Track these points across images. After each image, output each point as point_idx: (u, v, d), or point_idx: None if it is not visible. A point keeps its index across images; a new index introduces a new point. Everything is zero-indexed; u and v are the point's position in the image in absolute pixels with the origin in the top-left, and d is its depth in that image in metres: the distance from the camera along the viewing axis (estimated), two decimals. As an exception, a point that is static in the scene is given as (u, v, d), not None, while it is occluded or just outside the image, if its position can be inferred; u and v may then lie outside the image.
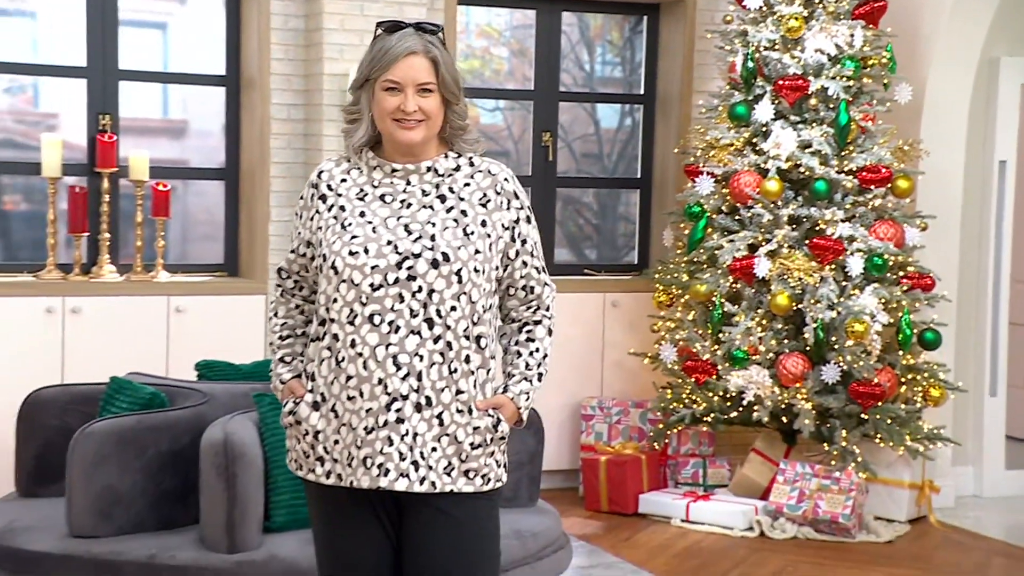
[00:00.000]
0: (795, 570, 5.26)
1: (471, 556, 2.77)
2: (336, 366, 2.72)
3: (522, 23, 6.86)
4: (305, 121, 6.00)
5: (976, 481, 6.67)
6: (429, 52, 2.73)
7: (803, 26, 5.91)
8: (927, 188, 6.21)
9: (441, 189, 2.79)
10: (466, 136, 2.84)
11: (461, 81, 2.80)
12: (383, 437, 2.69)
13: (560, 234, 6.97)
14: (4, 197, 6.01)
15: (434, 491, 2.72)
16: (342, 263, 2.71)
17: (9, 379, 5.36)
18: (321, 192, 2.82)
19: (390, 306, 2.68)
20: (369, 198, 2.79)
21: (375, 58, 2.75)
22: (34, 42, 6.09)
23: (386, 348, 2.68)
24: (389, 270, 2.69)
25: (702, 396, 5.97)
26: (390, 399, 2.68)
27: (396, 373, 2.68)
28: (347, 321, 2.70)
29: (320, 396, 2.76)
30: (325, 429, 2.75)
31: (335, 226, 2.76)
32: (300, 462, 2.82)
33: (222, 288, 5.93)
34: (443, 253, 2.70)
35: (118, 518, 3.95)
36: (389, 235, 2.72)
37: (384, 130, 2.77)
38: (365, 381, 2.69)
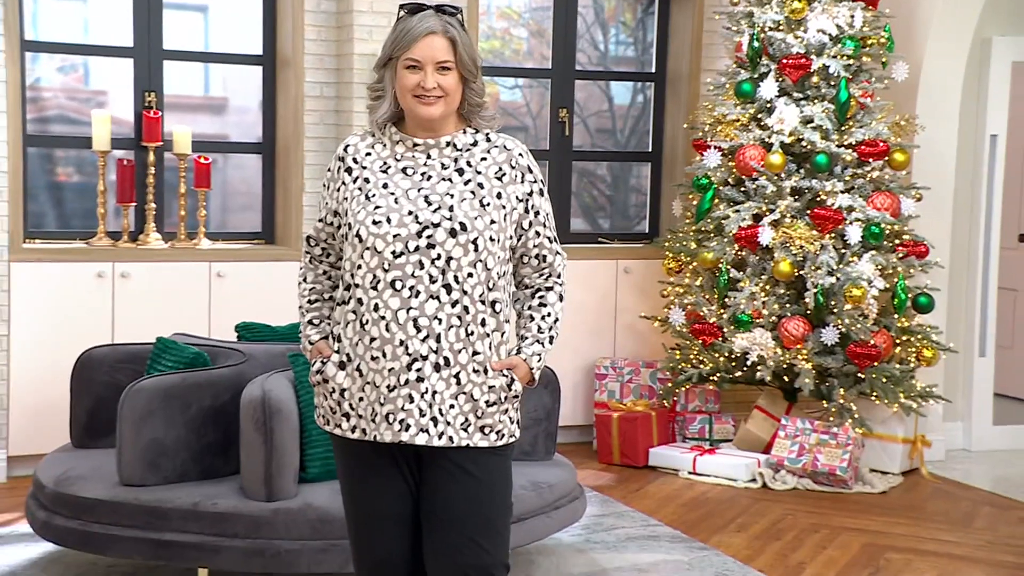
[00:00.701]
0: (795, 519, 5.27)
1: (485, 504, 2.80)
2: (360, 328, 2.74)
3: (540, 5, 6.83)
4: (336, 98, 6.00)
5: (965, 436, 6.66)
6: (448, 32, 2.74)
7: (806, 8, 5.87)
8: (922, 161, 6.18)
9: (459, 163, 2.81)
10: (483, 113, 2.84)
11: (479, 60, 2.81)
12: (404, 395, 2.71)
13: (576, 204, 6.96)
14: (58, 169, 6.03)
15: (451, 445, 2.75)
16: (366, 231, 2.72)
17: (64, 339, 5.42)
18: (347, 165, 2.84)
19: (411, 272, 2.70)
20: (392, 170, 2.80)
21: (397, 38, 2.76)
22: (85, 23, 6.09)
23: (407, 312, 2.70)
24: (410, 238, 2.71)
25: (709, 357, 5.98)
26: (411, 359, 2.71)
27: (416, 335, 2.70)
28: (370, 286, 2.72)
29: (346, 356, 2.77)
30: (350, 387, 2.77)
31: (359, 197, 2.78)
32: (327, 417, 2.85)
33: (260, 255, 5.95)
34: (460, 223, 2.72)
35: (164, 468, 3.99)
36: (410, 205, 2.74)
37: (406, 106, 2.78)
38: (387, 342, 2.71)
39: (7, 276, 5.43)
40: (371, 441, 2.77)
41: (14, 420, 5.46)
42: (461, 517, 2.77)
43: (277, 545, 3.81)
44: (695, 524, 5.14)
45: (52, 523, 4.02)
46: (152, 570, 4.27)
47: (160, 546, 3.85)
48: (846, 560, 4.76)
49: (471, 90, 2.80)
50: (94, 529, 3.92)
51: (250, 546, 3.81)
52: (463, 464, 2.77)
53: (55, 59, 5.97)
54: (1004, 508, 5.58)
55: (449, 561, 2.78)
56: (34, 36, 5.81)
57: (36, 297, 5.47)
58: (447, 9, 2.78)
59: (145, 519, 3.87)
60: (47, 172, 5.95)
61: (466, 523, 2.77)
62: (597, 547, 4.76)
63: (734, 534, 5.03)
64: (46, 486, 4.09)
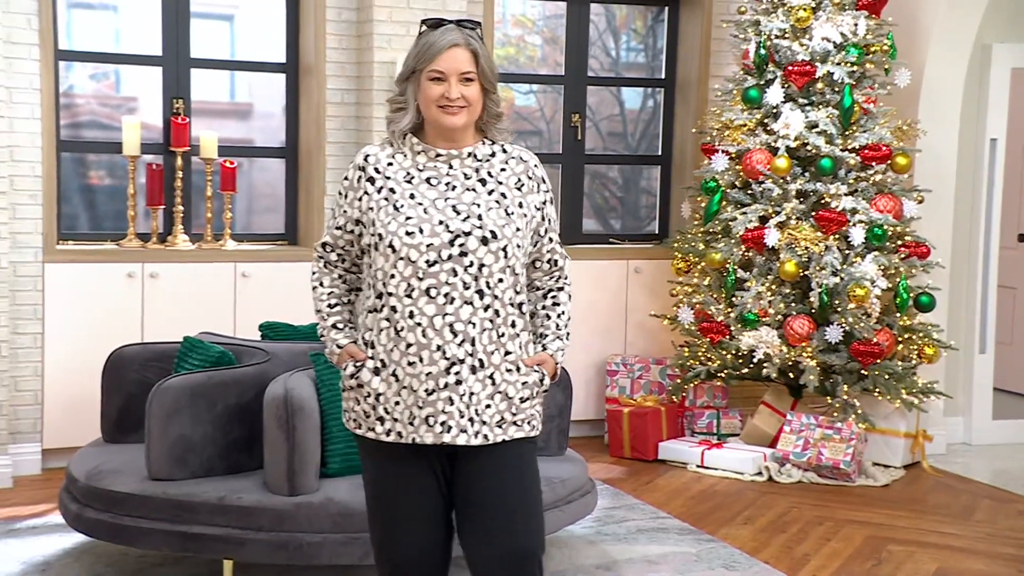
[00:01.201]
0: (800, 512, 5.24)
1: (520, 490, 2.82)
2: (395, 335, 2.73)
3: (554, 13, 6.80)
4: (357, 105, 5.98)
5: (966, 430, 6.61)
6: (470, 44, 2.75)
7: (811, 16, 5.83)
8: (924, 164, 6.14)
9: (481, 173, 2.81)
10: (499, 125, 2.85)
11: (497, 72, 2.82)
12: (444, 397, 2.71)
13: (588, 206, 6.93)
14: (90, 173, 6.03)
15: (487, 443, 2.76)
16: (399, 242, 2.71)
17: (96, 337, 5.42)
18: (368, 175, 2.80)
19: (444, 280, 2.70)
20: (416, 181, 2.78)
21: (421, 51, 2.76)
22: (116, 33, 6.08)
23: (443, 318, 2.70)
24: (443, 247, 2.71)
25: (716, 354, 5.95)
26: (449, 363, 2.71)
27: (453, 340, 2.71)
28: (404, 294, 2.71)
29: (380, 362, 2.76)
30: (386, 392, 2.76)
31: (387, 207, 2.75)
32: (359, 421, 2.82)
33: (283, 256, 5.94)
34: (491, 231, 2.73)
35: (191, 463, 3.98)
36: (440, 215, 2.73)
37: (430, 117, 2.77)
38: (424, 348, 2.71)
39: (41, 277, 5.43)
40: (407, 443, 2.76)
41: (48, 415, 5.47)
42: (499, 504, 2.78)
43: (299, 538, 3.79)
44: (703, 516, 5.12)
45: (84, 515, 4.02)
46: (180, 561, 4.27)
47: (187, 538, 3.84)
48: (850, 552, 4.73)
49: (491, 100, 2.81)
50: (124, 522, 3.91)
51: (274, 539, 3.79)
52: (497, 456, 2.79)
53: (88, 67, 5.97)
54: (1003, 501, 5.53)
55: (490, 547, 2.78)
56: (68, 45, 5.81)
57: (69, 296, 5.47)
58: (467, 23, 2.79)
59: (173, 512, 3.86)
60: (80, 176, 5.95)
61: (504, 509, 2.78)
62: (608, 539, 4.74)
63: (741, 526, 5.01)
64: (78, 480, 4.09)
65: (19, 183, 5.38)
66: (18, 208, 5.38)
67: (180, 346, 4.43)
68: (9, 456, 5.31)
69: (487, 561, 2.79)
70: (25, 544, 4.47)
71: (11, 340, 5.35)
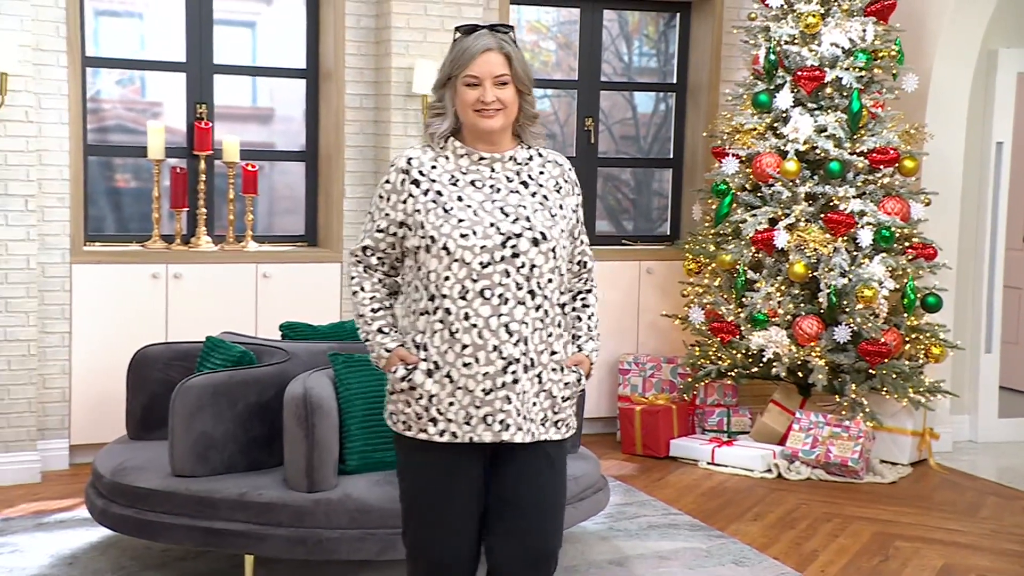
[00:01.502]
0: (808, 508, 5.22)
1: (551, 493, 2.84)
2: (450, 336, 2.71)
3: (567, 19, 6.79)
4: (375, 109, 5.98)
5: (972, 428, 6.58)
6: (503, 48, 2.74)
7: (820, 22, 5.81)
8: (931, 167, 6.11)
9: (522, 176, 2.81)
10: (533, 129, 2.84)
11: (531, 74, 2.82)
12: (502, 396, 2.72)
13: (601, 207, 6.92)
14: (117, 176, 6.05)
15: (533, 440, 2.77)
16: (454, 244, 2.69)
17: (121, 335, 5.44)
18: (413, 177, 2.77)
19: (498, 281, 2.70)
20: (461, 183, 2.77)
21: (456, 58, 2.75)
22: (141, 39, 6.10)
23: (498, 318, 2.70)
24: (495, 249, 2.70)
25: (727, 354, 5.93)
26: (506, 363, 2.71)
27: (509, 340, 2.71)
28: (459, 296, 2.70)
29: (433, 364, 2.73)
30: (439, 393, 2.73)
31: (436, 209, 2.73)
32: (410, 423, 2.78)
33: (303, 256, 5.94)
34: (541, 232, 2.74)
35: (213, 460, 3.99)
36: (489, 217, 2.73)
37: (467, 121, 2.77)
38: (480, 348, 2.70)
39: (69, 277, 5.46)
40: (458, 443, 2.75)
41: (76, 411, 5.49)
42: (532, 504, 2.80)
43: (318, 533, 3.80)
44: (713, 513, 5.10)
45: (109, 511, 4.03)
46: (202, 555, 4.28)
47: (209, 533, 3.85)
48: (857, 548, 4.71)
49: (526, 102, 2.80)
50: (148, 517, 3.93)
51: (293, 534, 3.80)
52: (538, 455, 2.80)
53: (114, 73, 5.99)
54: (1009, 498, 5.50)
55: (518, 544, 2.79)
56: (95, 51, 5.83)
57: (96, 296, 5.49)
58: (500, 27, 2.78)
59: (195, 508, 3.86)
60: (106, 178, 5.97)
61: (535, 509, 2.80)
62: (620, 535, 4.73)
63: (750, 523, 4.99)
64: (104, 476, 4.10)
65: (47, 186, 5.41)
66: (47, 211, 5.41)
67: (203, 346, 4.44)
68: (38, 452, 5.34)
69: (511, 560, 2.79)
70: (53, 537, 4.49)
71: (40, 339, 5.37)
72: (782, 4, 5.90)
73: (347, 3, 5.88)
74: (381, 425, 4.01)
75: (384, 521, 3.81)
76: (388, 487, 3.90)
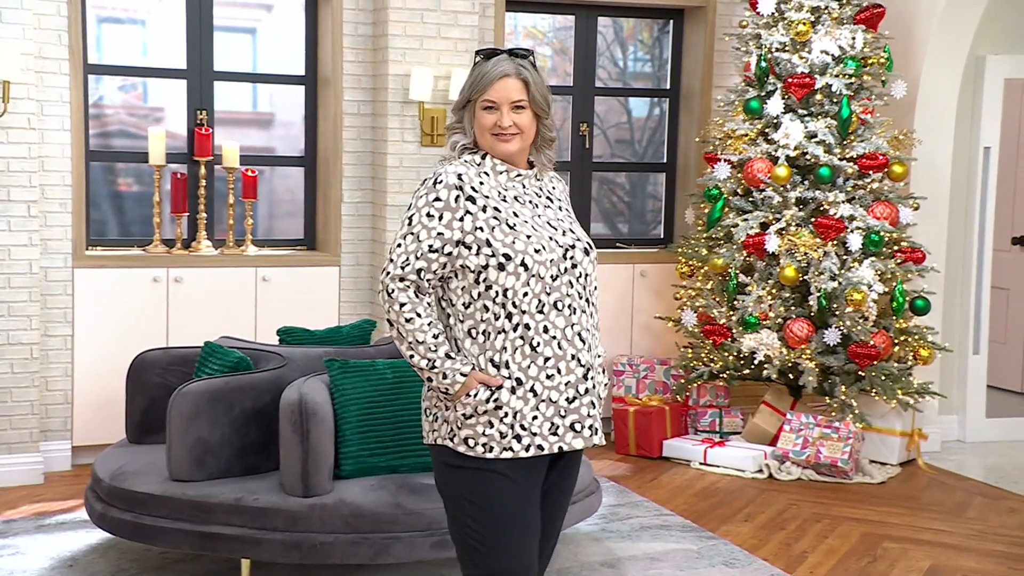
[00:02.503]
0: (798, 509, 5.19)
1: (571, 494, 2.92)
2: (532, 351, 2.67)
3: (563, 25, 6.74)
4: (372, 115, 5.94)
5: (960, 428, 6.54)
6: (520, 74, 2.73)
7: (810, 30, 5.76)
8: (919, 172, 6.07)
9: (544, 192, 2.83)
10: (549, 152, 2.83)
11: (550, 99, 2.79)
12: (587, 402, 2.73)
13: (596, 210, 6.88)
14: (119, 180, 6.01)
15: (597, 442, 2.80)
16: (531, 260, 2.66)
17: (123, 339, 5.41)
18: (467, 194, 2.67)
19: (565, 292, 2.71)
20: (508, 199, 2.74)
21: (474, 82, 2.74)
22: (144, 45, 6.06)
23: (571, 328, 2.71)
24: (559, 261, 2.71)
25: (719, 356, 5.89)
26: (585, 370, 2.72)
27: (583, 347, 2.73)
28: (536, 310, 2.67)
29: (516, 380, 2.67)
30: (522, 408, 2.67)
31: (500, 226, 2.67)
32: (492, 444, 2.66)
33: (302, 260, 5.91)
34: (588, 243, 2.79)
35: (209, 465, 3.95)
36: (546, 231, 2.73)
37: (484, 144, 2.76)
38: (560, 359, 2.69)
39: (71, 281, 5.42)
40: (535, 456, 2.70)
41: (78, 413, 5.46)
42: (561, 509, 2.87)
43: (313, 538, 3.76)
44: (705, 514, 5.07)
45: (108, 515, 4.00)
46: (200, 558, 4.24)
47: (206, 538, 3.82)
48: (846, 549, 4.68)
49: (544, 126, 2.79)
50: (145, 521, 3.90)
51: (288, 539, 3.77)
52: (572, 463, 2.84)
53: (117, 79, 5.95)
54: (995, 498, 5.47)
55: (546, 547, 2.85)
56: (98, 58, 5.80)
57: (97, 300, 5.46)
58: (519, 52, 2.76)
59: (192, 512, 3.83)
60: (109, 183, 5.93)
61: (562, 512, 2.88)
62: (612, 536, 4.70)
63: (741, 523, 4.96)
64: (103, 480, 4.07)
65: (50, 192, 5.37)
66: (49, 216, 5.37)
67: (200, 351, 4.40)
68: (40, 453, 5.31)
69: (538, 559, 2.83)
70: (53, 539, 4.46)
71: (42, 342, 5.34)
72: (773, 12, 5.86)
73: (345, 10, 5.84)
74: (376, 430, 3.99)
75: (378, 526, 3.78)
76: (382, 492, 3.86)
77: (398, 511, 3.80)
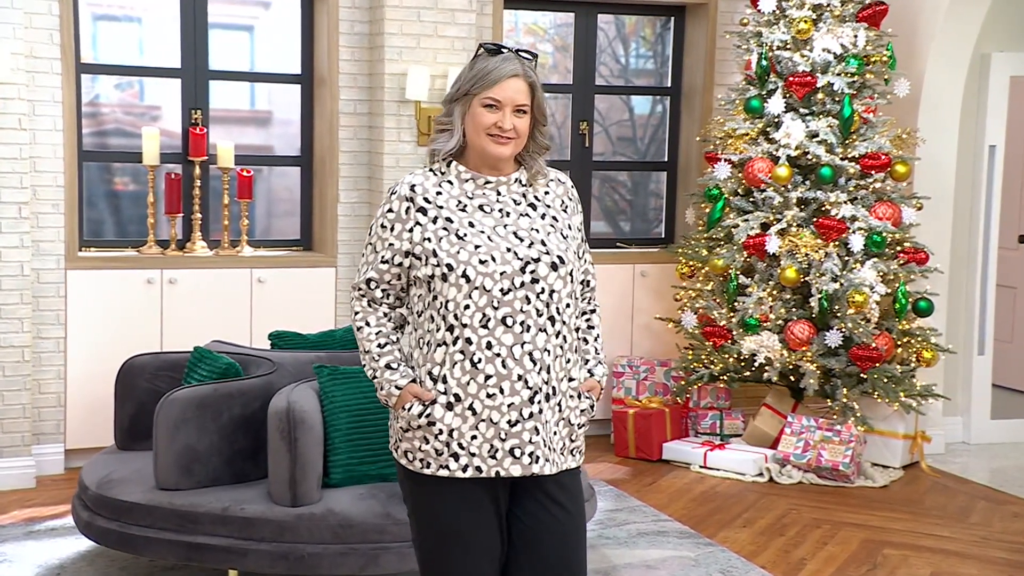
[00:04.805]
0: (799, 514, 5.10)
1: (577, 520, 2.68)
2: (472, 367, 2.53)
3: (564, 22, 6.65)
4: (369, 115, 5.85)
5: (965, 429, 6.44)
6: (528, 76, 2.60)
7: (812, 28, 5.65)
8: (923, 172, 5.96)
9: (528, 197, 2.66)
10: (540, 160, 2.68)
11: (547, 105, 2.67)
12: (530, 428, 2.56)
13: (598, 208, 6.79)
14: (115, 179, 5.94)
15: (556, 471, 2.61)
16: (473, 271, 2.52)
17: (116, 341, 5.35)
18: (419, 205, 2.58)
19: (519, 308, 2.54)
20: (470, 209, 2.61)
21: (477, 76, 2.58)
22: (140, 44, 5.98)
23: (521, 346, 2.54)
24: (515, 275, 2.55)
25: (719, 358, 5.80)
26: (532, 393, 2.55)
27: (533, 368, 2.55)
28: (480, 325, 2.52)
29: (453, 396, 2.54)
30: (460, 427, 2.54)
31: (448, 236, 2.55)
32: (429, 460, 2.57)
33: (297, 261, 5.83)
34: (559, 256, 2.59)
35: (197, 473, 3.88)
36: (505, 243, 2.57)
37: (477, 143, 2.61)
38: (504, 379, 2.54)
39: (63, 283, 5.35)
40: (482, 478, 2.57)
41: (71, 417, 5.39)
42: (558, 539, 2.62)
43: (300, 548, 3.69)
44: (703, 519, 4.98)
45: (94, 524, 3.93)
46: (188, 567, 4.17)
47: (192, 548, 3.74)
48: (845, 556, 4.59)
49: (541, 133, 2.66)
50: (132, 531, 3.82)
51: (275, 549, 3.69)
52: (554, 492, 2.63)
53: (113, 77, 5.87)
54: (999, 503, 5.37)
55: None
56: (95, 56, 5.73)
57: (90, 302, 5.39)
58: (526, 54, 2.63)
59: (178, 522, 3.76)
60: (105, 181, 5.86)
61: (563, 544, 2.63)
62: (609, 543, 4.62)
63: (740, 529, 4.87)
64: (89, 488, 4.00)
65: (42, 193, 5.30)
66: (41, 217, 5.30)
67: (190, 356, 4.33)
68: (32, 457, 5.24)
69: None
70: (42, 546, 4.40)
71: (34, 344, 5.27)
72: (774, 9, 5.75)
73: (341, 8, 5.76)
74: (366, 438, 3.91)
75: (367, 536, 3.71)
76: (372, 501, 3.79)
77: (387, 521, 3.72)
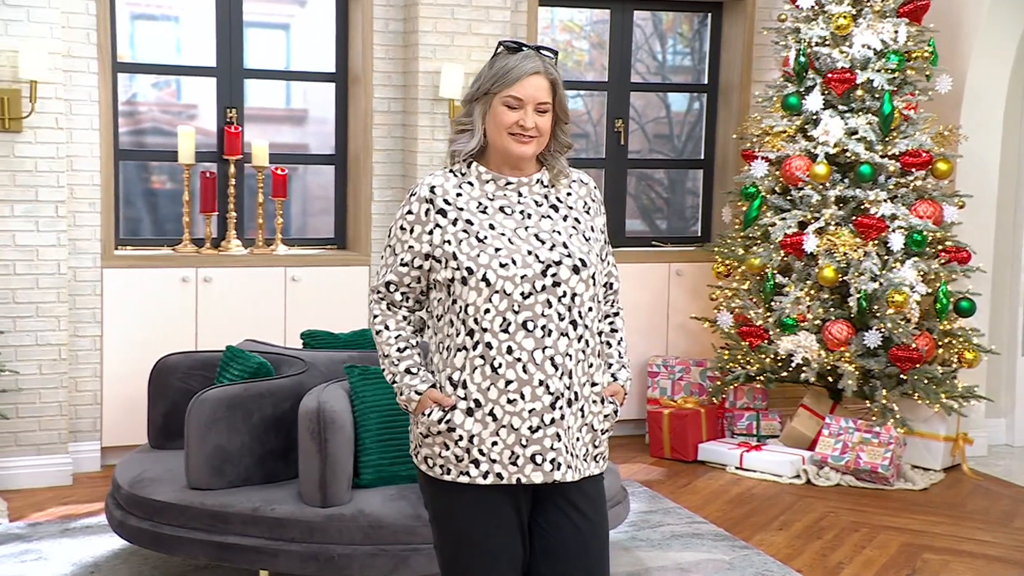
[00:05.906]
0: (836, 517, 5.02)
1: (601, 527, 2.63)
2: (492, 372, 2.49)
3: (601, 18, 6.59)
4: (403, 113, 5.83)
5: (1008, 432, 6.33)
6: (550, 74, 2.55)
7: (851, 24, 5.56)
8: (965, 170, 5.86)
9: (550, 199, 2.61)
10: (563, 160, 2.63)
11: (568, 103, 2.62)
12: (551, 434, 2.51)
13: (634, 206, 6.73)
14: (152, 177, 5.97)
15: (579, 478, 2.57)
16: (494, 275, 2.47)
17: (151, 339, 5.36)
18: (439, 207, 2.54)
19: (540, 312, 2.49)
20: (490, 211, 2.56)
21: (498, 74, 2.54)
22: (177, 42, 6.00)
23: (543, 351, 2.49)
24: (536, 278, 2.49)
25: (755, 358, 5.72)
26: (553, 399, 2.50)
27: (555, 374, 2.50)
28: (501, 329, 2.48)
29: (474, 402, 2.50)
30: (480, 432, 2.50)
31: (468, 239, 2.51)
32: (449, 467, 2.53)
33: (331, 260, 5.82)
34: (580, 260, 2.53)
35: (228, 473, 3.88)
36: (526, 245, 2.52)
37: (498, 143, 2.55)
38: (525, 384, 2.49)
39: (100, 281, 5.38)
40: (501, 485, 2.52)
41: (107, 414, 5.42)
42: (583, 546, 2.57)
43: (330, 549, 3.67)
44: (739, 522, 4.92)
45: (127, 523, 3.94)
46: (220, 566, 4.17)
47: (223, 548, 3.74)
48: (884, 560, 4.51)
49: (562, 131, 2.61)
50: (163, 530, 3.82)
51: (305, 550, 3.68)
52: (576, 500, 2.58)
53: (150, 76, 5.90)
54: (1043, 507, 5.27)
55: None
56: (132, 55, 5.75)
57: (126, 300, 5.41)
58: (547, 51, 2.58)
59: (209, 522, 3.76)
60: (143, 180, 5.88)
61: (587, 551, 2.58)
62: (643, 545, 4.57)
63: (776, 532, 4.80)
64: (122, 487, 4.01)
65: (79, 192, 5.33)
66: (78, 216, 5.33)
67: (222, 356, 4.33)
68: (69, 455, 5.27)
69: None
70: (77, 544, 4.42)
71: (71, 343, 5.30)
72: (813, 5, 5.67)
73: (375, 7, 5.74)
74: (396, 438, 3.89)
75: (397, 537, 3.69)
76: (402, 502, 3.77)
77: (418, 522, 3.69)
